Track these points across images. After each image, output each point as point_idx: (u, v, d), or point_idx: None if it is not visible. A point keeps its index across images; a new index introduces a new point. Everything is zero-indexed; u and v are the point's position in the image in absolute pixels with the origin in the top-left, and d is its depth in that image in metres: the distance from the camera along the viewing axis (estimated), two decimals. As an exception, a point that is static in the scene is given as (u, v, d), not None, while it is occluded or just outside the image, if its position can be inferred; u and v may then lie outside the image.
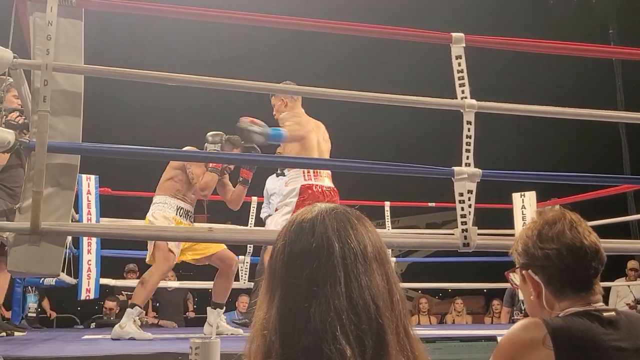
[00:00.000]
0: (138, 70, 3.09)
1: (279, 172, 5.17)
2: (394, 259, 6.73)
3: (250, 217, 6.73)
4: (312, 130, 4.59)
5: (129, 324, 4.37)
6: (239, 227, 6.50)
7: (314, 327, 0.98)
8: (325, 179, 4.57)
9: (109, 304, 7.43)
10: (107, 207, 6.16)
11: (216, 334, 4.54)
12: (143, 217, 4.85)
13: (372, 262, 1.04)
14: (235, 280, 6.81)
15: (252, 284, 6.67)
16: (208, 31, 8.93)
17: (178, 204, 4.78)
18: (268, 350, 1.01)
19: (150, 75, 3.12)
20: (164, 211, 4.71)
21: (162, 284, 7.85)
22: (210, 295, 5.44)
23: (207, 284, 8.01)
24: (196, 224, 5.07)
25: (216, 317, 4.85)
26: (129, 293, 7.64)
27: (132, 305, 4.48)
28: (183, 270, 9.34)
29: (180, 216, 4.78)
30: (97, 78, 3.10)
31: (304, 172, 4.52)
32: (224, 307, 5.05)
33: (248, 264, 6.65)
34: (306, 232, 1.05)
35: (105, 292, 7.17)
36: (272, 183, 6.14)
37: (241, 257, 6.64)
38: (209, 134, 4.57)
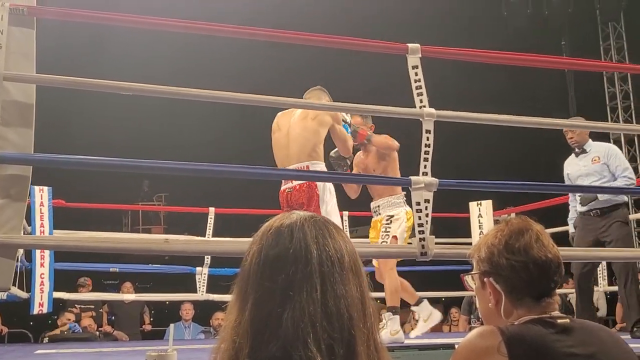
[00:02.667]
0: (91, 79, 3.04)
1: None
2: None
3: (208, 228, 6.66)
4: (275, 130, 4.41)
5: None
6: (195, 238, 6.45)
7: (285, 333, 0.97)
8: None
9: (69, 315, 7.28)
10: (61, 220, 6.05)
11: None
12: (98, 229, 4.78)
13: (348, 272, 1.03)
14: (192, 292, 6.78)
15: (209, 296, 6.61)
16: (167, 42, 8.87)
17: None
18: (236, 355, 0.99)
19: (103, 84, 3.07)
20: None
21: (118, 296, 7.75)
22: (167, 308, 5.38)
23: (164, 297, 7.94)
24: (153, 236, 4.99)
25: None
26: (83, 306, 7.50)
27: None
28: (140, 282, 9.23)
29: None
30: (53, 88, 3.05)
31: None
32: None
33: (206, 276, 6.59)
34: (284, 236, 1.04)
35: (59, 305, 7.01)
36: None
37: (198, 268, 6.59)
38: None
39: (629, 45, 10.83)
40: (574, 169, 5.24)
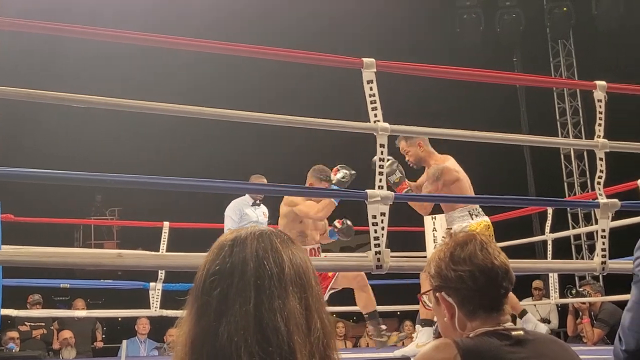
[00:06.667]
0: (45, 91, 2.97)
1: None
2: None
3: (162, 242, 6.57)
4: None
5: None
6: (149, 252, 6.35)
7: (221, 346, 0.97)
8: None
9: (11, 334, 7.09)
10: (9, 235, 5.90)
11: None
12: (48, 244, 4.67)
13: (288, 285, 1.03)
14: (145, 308, 6.66)
15: (163, 312, 6.51)
16: (129, 56, 8.79)
17: None
18: None
19: (58, 96, 3.00)
20: None
21: (69, 313, 7.58)
22: (120, 324, 5.26)
23: (117, 313, 7.79)
24: (105, 250, 4.91)
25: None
26: (32, 324, 7.32)
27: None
28: (92, 298, 9.05)
29: None
30: (5, 101, 2.98)
31: None
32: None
33: (160, 291, 6.48)
34: (225, 251, 1.06)
35: (7, 323, 6.83)
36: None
37: (152, 283, 6.48)
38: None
39: (578, 62, 11.09)
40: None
